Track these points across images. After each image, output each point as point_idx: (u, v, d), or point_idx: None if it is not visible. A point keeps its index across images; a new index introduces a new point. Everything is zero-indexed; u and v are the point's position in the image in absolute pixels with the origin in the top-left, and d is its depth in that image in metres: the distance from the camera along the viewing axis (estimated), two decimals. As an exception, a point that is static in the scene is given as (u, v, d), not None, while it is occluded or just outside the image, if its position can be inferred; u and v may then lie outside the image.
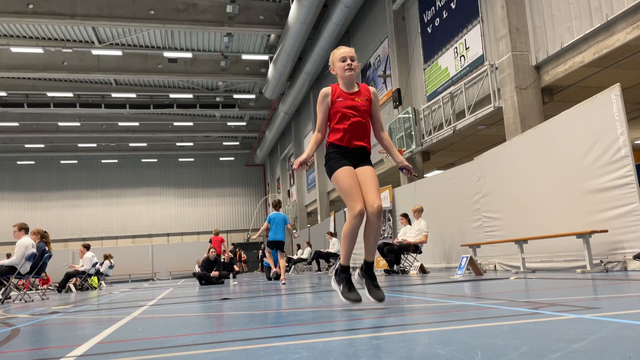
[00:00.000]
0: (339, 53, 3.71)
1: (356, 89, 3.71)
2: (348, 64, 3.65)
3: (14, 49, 21.96)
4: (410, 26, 15.03)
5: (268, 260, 12.64)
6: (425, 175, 14.49)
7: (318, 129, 3.74)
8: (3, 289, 8.81)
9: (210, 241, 15.06)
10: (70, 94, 27.59)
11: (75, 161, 37.45)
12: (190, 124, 33.73)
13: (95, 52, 22.64)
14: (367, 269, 3.63)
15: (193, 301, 6.33)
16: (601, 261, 6.38)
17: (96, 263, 15.41)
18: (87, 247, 15.32)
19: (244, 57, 24.33)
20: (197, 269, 14.56)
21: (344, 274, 3.60)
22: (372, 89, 3.79)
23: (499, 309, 2.97)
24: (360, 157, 3.67)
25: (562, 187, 7.14)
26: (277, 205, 10.45)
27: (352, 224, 3.44)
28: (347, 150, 3.64)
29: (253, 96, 29.53)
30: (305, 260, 19.49)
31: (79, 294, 12.21)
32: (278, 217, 10.23)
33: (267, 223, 10.25)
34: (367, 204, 3.50)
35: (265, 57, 24.19)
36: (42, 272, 10.01)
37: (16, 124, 31.19)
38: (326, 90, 3.71)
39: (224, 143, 38.45)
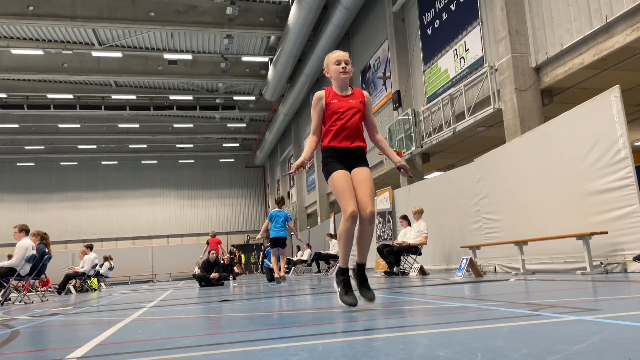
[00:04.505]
0: (334, 56, 3.77)
1: (350, 92, 3.77)
2: (342, 67, 3.70)
3: (14, 51, 21.97)
4: (410, 28, 15.05)
5: (270, 261, 12.46)
6: (425, 177, 14.49)
7: (313, 132, 3.78)
8: (3, 291, 8.80)
9: (208, 243, 14.99)
10: (70, 96, 27.62)
11: (75, 163, 37.47)
12: (190, 125, 33.75)
13: (95, 53, 22.67)
14: (359, 271, 3.68)
15: (193, 303, 6.33)
16: (601, 263, 6.38)
17: (96, 264, 15.39)
18: (90, 248, 15.28)
19: (244, 58, 24.34)
20: (197, 271, 14.54)
21: (342, 276, 3.64)
22: (365, 92, 3.86)
23: (499, 311, 2.97)
24: (356, 158, 3.69)
25: (562, 188, 7.14)
26: (280, 202, 10.10)
27: (345, 226, 3.47)
28: (343, 151, 3.66)
29: (253, 98, 29.55)
30: (305, 261, 19.46)
31: (78, 296, 12.20)
32: (280, 214, 9.89)
33: (268, 220, 9.90)
34: (360, 208, 3.52)
35: (265, 59, 24.21)
36: (41, 274, 10.01)
37: (16, 125, 31.22)
38: (320, 93, 3.76)
39: (224, 145, 38.48)
